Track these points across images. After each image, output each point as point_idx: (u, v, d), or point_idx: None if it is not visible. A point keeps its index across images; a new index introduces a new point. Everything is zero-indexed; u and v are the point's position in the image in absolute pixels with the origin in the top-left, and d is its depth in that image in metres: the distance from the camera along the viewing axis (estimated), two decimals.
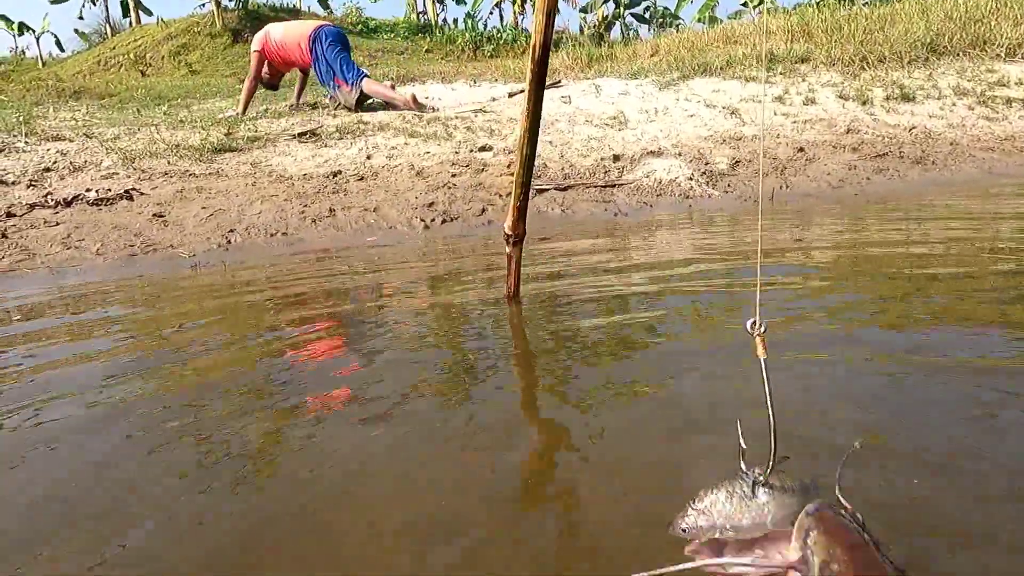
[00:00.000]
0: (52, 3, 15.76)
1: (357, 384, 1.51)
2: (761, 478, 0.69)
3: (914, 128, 6.26)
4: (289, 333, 1.93)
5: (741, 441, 0.73)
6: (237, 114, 6.34)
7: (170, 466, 1.18)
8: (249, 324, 2.06)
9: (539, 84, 1.61)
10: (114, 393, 1.52)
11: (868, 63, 7.66)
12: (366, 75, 6.38)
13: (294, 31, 6.40)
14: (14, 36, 17.17)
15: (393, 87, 6.70)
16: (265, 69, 6.48)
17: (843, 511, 0.64)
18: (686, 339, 1.71)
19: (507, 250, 1.98)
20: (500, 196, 4.27)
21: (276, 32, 6.43)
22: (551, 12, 1.47)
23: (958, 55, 7.82)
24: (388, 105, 6.38)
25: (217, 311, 2.26)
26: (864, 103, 6.73)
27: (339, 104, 6.39)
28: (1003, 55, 7.68)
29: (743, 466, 0.72)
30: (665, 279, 2.37)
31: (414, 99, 6.30)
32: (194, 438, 1.28)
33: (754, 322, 0.76)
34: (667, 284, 2.29)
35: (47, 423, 1.37)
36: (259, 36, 6.48)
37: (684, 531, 0.72)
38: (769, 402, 0.72)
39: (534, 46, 1.53)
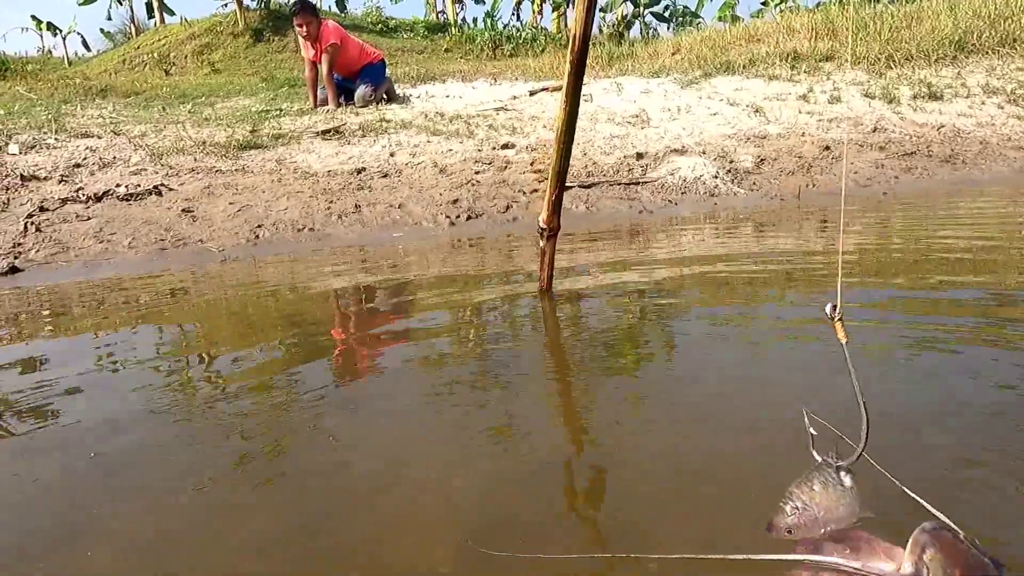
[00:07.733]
0: (80, 4, 15.97)
1: (390, 376, 1.52)
2: (844, 464, 0.68)
3: (943, 127, 6.16)
4: (319, 328, 1.94)
5: (811, 429, 0.72)
6: (331, 108, 6.43)
7: (197, 456, 1.19)
8: (279, 318, 2.08)
9: (578, 76, 1.60)
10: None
11: (895, 61, 7.55)
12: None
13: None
14: (41, 36, 17.44)
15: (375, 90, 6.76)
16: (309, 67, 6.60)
17: (957, 533, 0.64)
18: (720, 325, 1.70)
19: (541, 244, 1.97)
20: (524, 193, 4.26)
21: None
22: (592, 3, 1.47)
23: (987, 53, 7.68)
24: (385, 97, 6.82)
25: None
26: (891, 102, 6.64)
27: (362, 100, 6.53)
28: None
29: (816, 455, 0.71)
30: (697, 272, 2.35)
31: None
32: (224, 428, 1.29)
33: (833, 306, 0.74)
34: (697, 274, 2.28)
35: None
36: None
37: (789, 531, 0.70)
38: (857, 387, 0.70)
39: (574, 37, 1.52)
